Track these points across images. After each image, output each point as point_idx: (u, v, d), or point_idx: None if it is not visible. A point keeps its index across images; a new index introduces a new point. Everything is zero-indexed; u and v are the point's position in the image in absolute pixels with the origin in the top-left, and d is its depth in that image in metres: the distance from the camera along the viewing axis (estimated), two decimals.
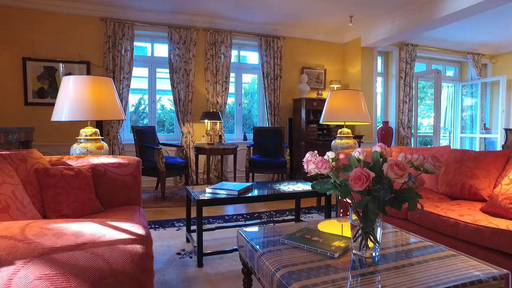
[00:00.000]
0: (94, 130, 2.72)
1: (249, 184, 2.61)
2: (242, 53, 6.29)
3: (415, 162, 1.36)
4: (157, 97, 6.47)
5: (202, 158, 5.47)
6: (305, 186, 2.79)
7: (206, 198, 2.32)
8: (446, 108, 7.78)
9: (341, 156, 3.17)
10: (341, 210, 3.13)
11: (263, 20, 5.73)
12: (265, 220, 3.47)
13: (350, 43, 6.55)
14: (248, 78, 6.83)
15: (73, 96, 2.51)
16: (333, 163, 1.58)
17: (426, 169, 1.27)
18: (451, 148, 2.94)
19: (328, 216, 2.65)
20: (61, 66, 4.95)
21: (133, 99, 6.22)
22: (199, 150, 4.98)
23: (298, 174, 6.03)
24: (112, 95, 2.71)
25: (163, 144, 5.15)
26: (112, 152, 5.16)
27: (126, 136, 5.45)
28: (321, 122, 3.77)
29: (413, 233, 1.94)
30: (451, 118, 7.62)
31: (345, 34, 6.51)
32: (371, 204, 1.22)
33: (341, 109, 3.53)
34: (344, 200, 1.44)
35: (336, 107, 3.58)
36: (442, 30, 5.86)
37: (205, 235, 2.93)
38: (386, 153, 1.52)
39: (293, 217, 3.54)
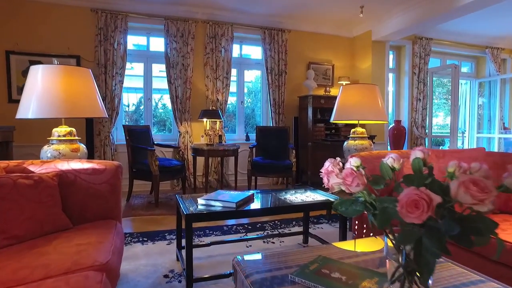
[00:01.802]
0: (68, 129, 2.33)
1: (249, 193, 2.21)
2: (245, 47, 5.89)
3: (477, 173, 0.95)
4: (158, 96, 6.12)
5: (200, 160, 5.07)
6: (315, 195, 2.38)
7: (197, 212, 1.92)
8: (460, 106, 7.32)
9: None
10: (356, 222, 2.72)
11: (266, 11, 5.33)
12: (269, 232, 3.07)
13: (359, 37, 6.12)
14: (252, 77, 6.43)
15: (41, 90, 2.13)
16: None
17: (507, 186, 0.85)
18: (486, 150, 2.52)
19: (343, 235, 2.23)
20: (55, 61, 4.57)
21: (135, 98, 5.88)
22: (196, 151, 4.59)
23: (304, 177, 5.62)
24: (89, 89, 2.32)
25: (159, 145, 4.76)
26: (103, 154, 4.78)
27: (120, 136, 5.07)
28: (331, 120, 3.36)
29: (453, 260, 1.52)
30: (465, 117, 7.17)
31: (355, 27, 6.08)
32: (428, 240, 0.81)
33: (355, 106, 3.12)
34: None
35: (349, 104, 3.16)
36: (459, 22, 5.42)
37: (199, 251, 2.53)
38: (431, 161, 1.11)
39: (301, 227, 3.14)
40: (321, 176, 1.12)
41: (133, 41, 5.32)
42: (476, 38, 6.47)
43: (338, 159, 1.19)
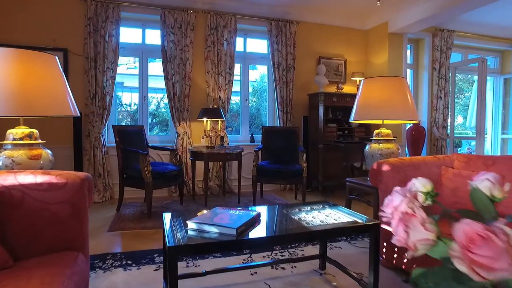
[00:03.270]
0: (27, 131, 1.86)
1: (254, 213, 1.72)
2: (249, 41, 5.39)
3: None
4: (161, 95, 5.69)
5: (200, 163, 4.60)
6: (337, 213, 1.89)
7: (185, 242, 1.44)
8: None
9: (385, 168, 2.26)
10: (385, 244, 2.21)
11: (273, 1, 4.84)
12: (278, 253, 2.58)
13: (374, 29, 5.61)
14: (256, 75, 5.96)
15: None
16: (427, 202, 0.72)
17: None
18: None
19: (375, 264, 1.72)
20: None
21: (136, 97, 5.46)
22: (195, 155, 4.12)
23: (314, 182, 5.12)
24: (54, 81, 1.85)
25: (154, 148, 4.29)
26: (93, 157, 4.32)
27: (112, 137, 4.59)
28: (351, 120, 2.86)
29: None
30: (486, 116, 6.60)
31: (369, 19, 5.56)
32: None
33: (380, 103, 2.62)
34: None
35: (372, 100, 2.67)
36: (483, 11, 4.91)
37: (192, 281, 2.05)
38: (476, 169, 0.64)
39: (316, 247, 2.65)
40: (382, 217, 0.64)
41: (128, 34, 4.85)
42: (503, 30, 5.92)
43: (414, 184, 0.71)
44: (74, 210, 1.51)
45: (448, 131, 5.71)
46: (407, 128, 5.63)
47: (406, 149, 5.63)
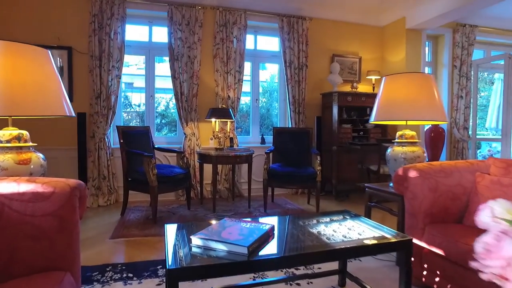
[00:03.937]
0: (15, 132, 1.68)
1: (267, 227, 1.50)
2: (260, 39, 5.18)
3: None
4: (169, 95, 5.53)
5: (208, 165, 4.40)
6: (361, 226, 1.66)
7: (188, 264, 1.23)
8: (500, 105, 6.43)
9: (412, 174, 2.02)
10: (412, 259, 1.97)
11: None
12: (292, 269, 2.35)
13: (390, 25, 5.34)
14: (266, 75, 5.75)
15: None
16: None
17: None
18: None
19: (407, 283, 1.50)
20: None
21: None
22: (203, 157, 3.92)
23: (328, 185, 4.89)
24: (47, 78, 1.67)
25: (160, 149, 4.11)
26: (98, 159, 4.17)
27: (117, 138, 4.45)
28: (371, 121, 2.62)
29: None
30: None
31: (384, 14, 5.29)
32: None
33: (406, 103, 2.38)
34: None
35: (396, 99, 2.43)
36: (507, 4, 4.57)
37: None
38: None
39: (335, 263, 2.41)
40: (481, 271, 0.42)
41: (134, 32, 4.69)
42: None
43: (492, 208, 0.48)
44: (62, 223, 1.32)
45: (470, 133, 5.40)
46: (425, 129, 5.34)
47: (425, 152, 5.34)
